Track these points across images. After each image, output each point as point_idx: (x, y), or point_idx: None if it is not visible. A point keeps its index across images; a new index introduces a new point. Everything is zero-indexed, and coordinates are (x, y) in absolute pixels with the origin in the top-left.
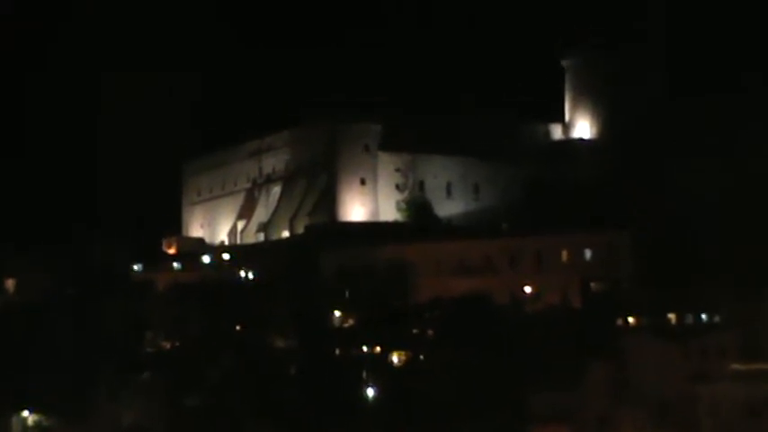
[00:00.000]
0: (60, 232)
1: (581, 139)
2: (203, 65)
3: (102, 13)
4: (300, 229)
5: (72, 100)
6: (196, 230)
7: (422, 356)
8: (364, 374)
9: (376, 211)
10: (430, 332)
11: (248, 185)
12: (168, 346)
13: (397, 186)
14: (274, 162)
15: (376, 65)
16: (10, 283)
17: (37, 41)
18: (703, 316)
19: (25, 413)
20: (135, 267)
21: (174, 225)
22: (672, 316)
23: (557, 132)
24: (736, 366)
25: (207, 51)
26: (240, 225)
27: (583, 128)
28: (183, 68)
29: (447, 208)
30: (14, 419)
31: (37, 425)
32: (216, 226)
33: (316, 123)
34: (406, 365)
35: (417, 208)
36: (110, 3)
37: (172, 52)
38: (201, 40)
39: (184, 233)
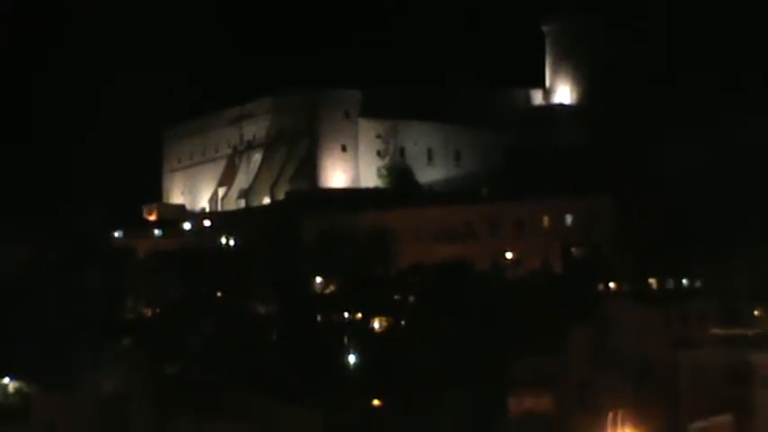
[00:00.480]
0: (40, 202)
1: (561, 105)
2: (184, 34)
3: None
4: (281, 196)
5: (51, 70)
6: (177, 197)
7: (403, 323)
8: (345, 340)
9: (357, 177)
10: (411, 298)
11: (229, 152)
12: (149, 312)
13: (378, 153)
14: (255, 129)
15: (355, 34)
16: None
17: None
18: (684, 281)
19: (6, 380)
20: (116, 234)
21: (155, 192)
22: (653, 281)
23: (537, 98)
24: (716, 331)
25: (189, 22)
26: (221, 192)
27: (563, 93)
28: (166, 37)
29: (428, 174)
30: None
31: (18, 391)
32: (197, 193)
33: (296, 91)
34: (387, 332)
35: (398, 174)
36: None
37: (156, 21)
38: (184, 10)
39: (165, 200)
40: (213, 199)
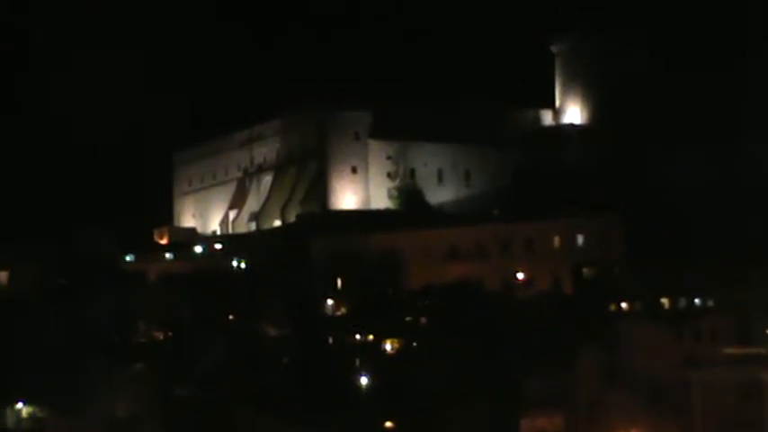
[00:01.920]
0: (51, 224)
1: (571, 125)
2: (193, 56)
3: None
4: (292, 218)
5: (57, 87)
6: (188, 220)
7: (415, 344)
8: (357, 362)
9: (367, 198)
10: (423, 319)
11: (239, 175)
12: (161, 336)
13: (389, 174)
14: (265, 151)
15: (363, 54)
16: (2, 276)
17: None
18: (696, 300)
19: (19, 405)
20: (127, 258)
21: (166, 215)
22: (665, 300)
23: (547, 118)
24: (728, 351)
25: (196, 44)
26: (232, 215)
27: (573, 113)
28: (174, 59)
29: (438, 195)
30: (9, 411)
31: (31, 416)
32: (208, 216)
33: (305, 112)
34: (399, 353)
35: (408, 195)
36: None
37: (164, 43)
38: (191, 32)
39: (176, 223)
40: (224, 222)
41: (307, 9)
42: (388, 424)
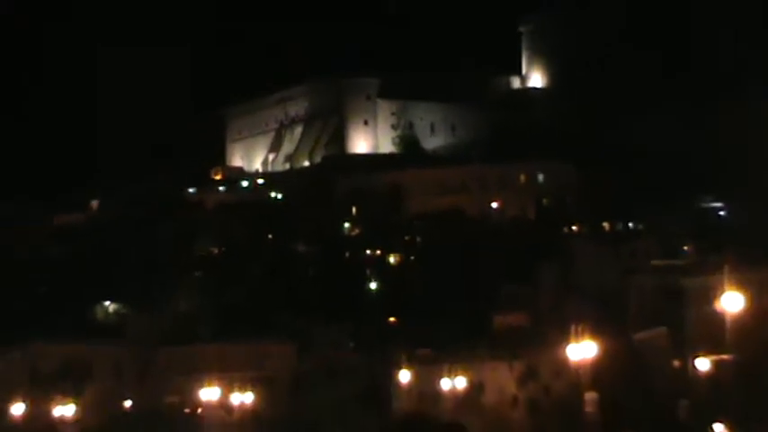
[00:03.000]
0: (130, 164)
1: (534, 88)
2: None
3: None
4: (317, 160)
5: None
6: (237, 161)
7: (412, 257)
8: (368, 272)
9: (376, 145)
10: (418, 239)
11: (277, 126)
12: (215, 251)
13: (392, 126)
14: (297, 108)
15: (372, 32)
16: (94, 204)
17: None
18: (630, 224)
19: (107, 303)
20: (189, 190)
21: (220, 158)
22: (606, 224)
23: (516, 83)
24: (655, 263)
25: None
26: (271, 157)
27: (536, 79)
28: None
29: (431, 142)
30: (98, 308)
31: (115, 312)
32: (252, 158)
33: (330, 79)
34: (400, 265)
35: (408, 142)
36: None
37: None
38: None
39: (228, 164)
40: (265, 163)
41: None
42: (392, 319)
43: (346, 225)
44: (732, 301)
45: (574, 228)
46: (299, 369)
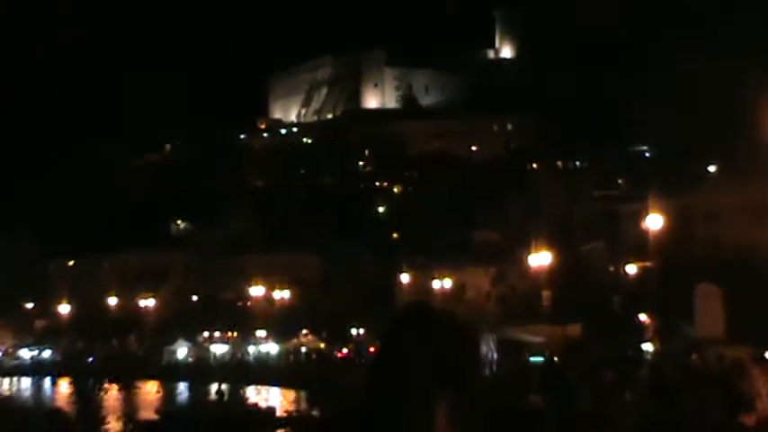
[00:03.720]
0: (194, 117)
1: (504, 59)
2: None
3: None
4: (339, 113)
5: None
6: (278, 114)
7: (410, 188)
8: (377, 199)
9: (383, 102)
10: (415, 174)
11: (307, 87)
12: (260, 183)
13: (396, 88)
14: (323, 73)
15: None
16: (167, 147)
17: None
18: (577, 163)
19: (179, 221)
20: (241, 136)
21: (265, 111)
22: (559, 163)
23: (491, 54)
24: (597, 193)
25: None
26: (303, 111)
27: (506, 51)
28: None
29: (426, 100)
30: (172, 225)
31: (185, 228)
32: (289, 111)
33: (349, 53)
34: (401, 194)
35: (408, 101)
36: None
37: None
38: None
39: (270, 116)
40: (298, 115)
41: None
42: (395, 235)
43: (360, 163)
44: (654, 222)
45: (535, 165)
46: (325, 273)
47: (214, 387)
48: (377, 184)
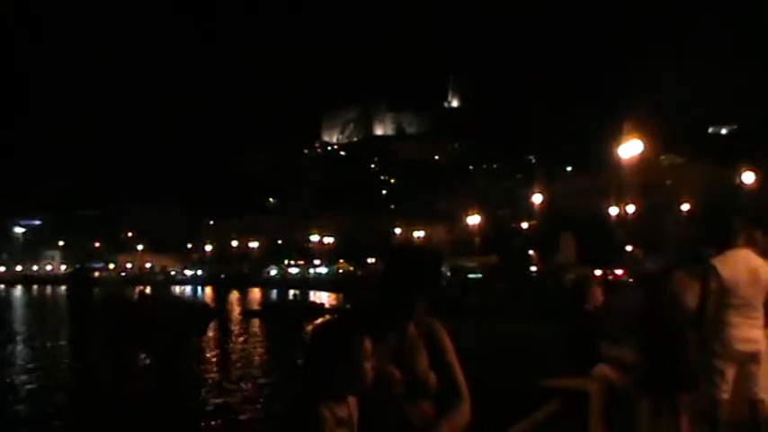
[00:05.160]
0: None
1: (454, 107)
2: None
3: None
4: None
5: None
6: (326, 137)
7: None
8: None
9: (385, 131)
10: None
11: (343, 122)
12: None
13: (392, 123)
14: (352, 115)
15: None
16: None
17: None
18: (494, 165)
19: (270, 199)
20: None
21: (317, 136)
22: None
23: (446, 105)
24: (508, 183)
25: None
26: (340, 137)
27: (455, 102)
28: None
29: (410, 131)
30: (267, 201)
31: (273, 203)
32: (332, 136)
33: (365, 103)
34: (396, 182)
35: (399, 130)
36: None
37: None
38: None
39: (322, 138)
40: (338, 139)
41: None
42: (392, 207)
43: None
44: (538, 198)
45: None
46: (351, 229)
47: (291, 292)
48: (381, 177)
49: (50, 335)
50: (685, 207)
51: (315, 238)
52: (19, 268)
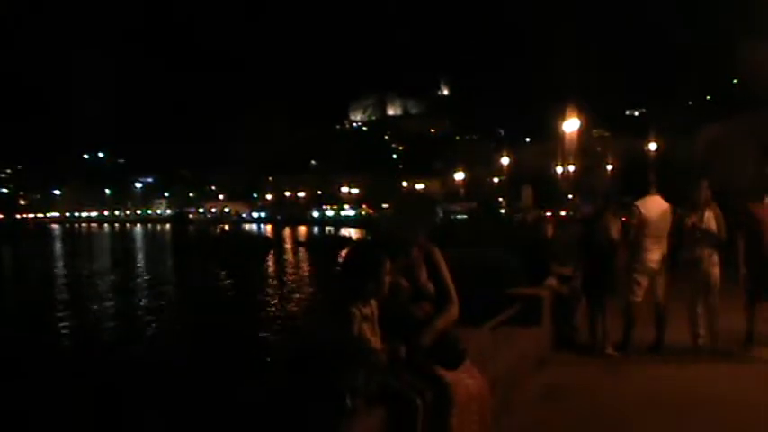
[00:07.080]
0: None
1: (444, 95)
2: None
3: None
4: (376, 117)
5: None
6: (352, 117)
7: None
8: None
9: (396, 113)
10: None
11: (365, 105)
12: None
13: (401, 107)
14: (372, 100)
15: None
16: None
17: None
18: (474, 136)
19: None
20: (337, 126)
21: (346, 115)
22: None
23: (438, 92)
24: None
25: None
26: (362, 116)
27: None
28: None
29: (413, 112)
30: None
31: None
32: (356, 114)
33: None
34: (404, 150)
35: (405, 113)
36: None
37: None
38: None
39: (349, 117)
40: (361, 119)
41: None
42: (400, 166)
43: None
44: (506, 160)
45: (457, 138)
46: (371, 185)
47: (327, 228)
48: (392, 146)
49: (161, 259)
50: (609, 167)
51: (345, 189)
52: (138, 212)
